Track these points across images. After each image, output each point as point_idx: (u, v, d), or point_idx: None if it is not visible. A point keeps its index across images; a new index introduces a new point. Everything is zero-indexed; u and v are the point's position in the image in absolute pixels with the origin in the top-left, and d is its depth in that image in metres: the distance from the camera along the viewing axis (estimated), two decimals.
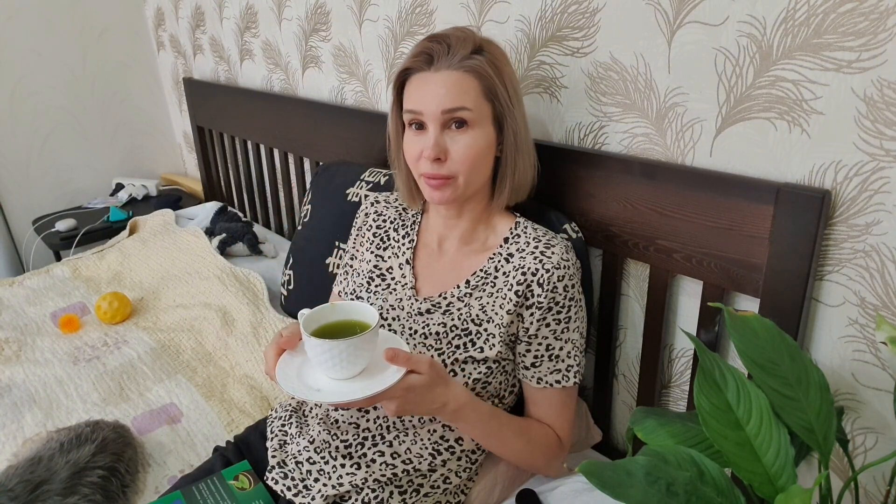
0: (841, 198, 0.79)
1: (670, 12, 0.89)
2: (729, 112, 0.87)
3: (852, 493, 0.66)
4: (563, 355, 0.90)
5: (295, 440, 0.95)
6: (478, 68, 0.84)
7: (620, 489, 0.56)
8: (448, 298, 0.93)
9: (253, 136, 2.02)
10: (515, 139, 0.89)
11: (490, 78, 0.85)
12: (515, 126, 0.88)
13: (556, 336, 0.90)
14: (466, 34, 0.86)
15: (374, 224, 1.06)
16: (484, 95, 0.85)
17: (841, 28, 0.74)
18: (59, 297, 1.68)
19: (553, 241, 0.91)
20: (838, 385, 0.86)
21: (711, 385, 0.63)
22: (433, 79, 0.85)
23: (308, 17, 1.66)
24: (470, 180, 0.88)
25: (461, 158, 0.86)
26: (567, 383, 0.91)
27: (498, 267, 0.92)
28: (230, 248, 1.80)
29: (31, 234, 2.45)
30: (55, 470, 0.95)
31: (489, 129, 0.87)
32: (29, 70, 2.40)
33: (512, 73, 0.89)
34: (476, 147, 0.86)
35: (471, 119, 0.85)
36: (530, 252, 0.90)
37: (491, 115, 0.87)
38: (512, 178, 0.91)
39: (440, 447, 0.91)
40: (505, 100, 0.86)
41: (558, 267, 0.88)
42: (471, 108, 0.84)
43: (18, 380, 1.30)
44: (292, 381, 0.74)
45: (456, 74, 0.84)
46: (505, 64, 0.88)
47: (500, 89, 0.86)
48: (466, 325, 0.91)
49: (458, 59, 0.84)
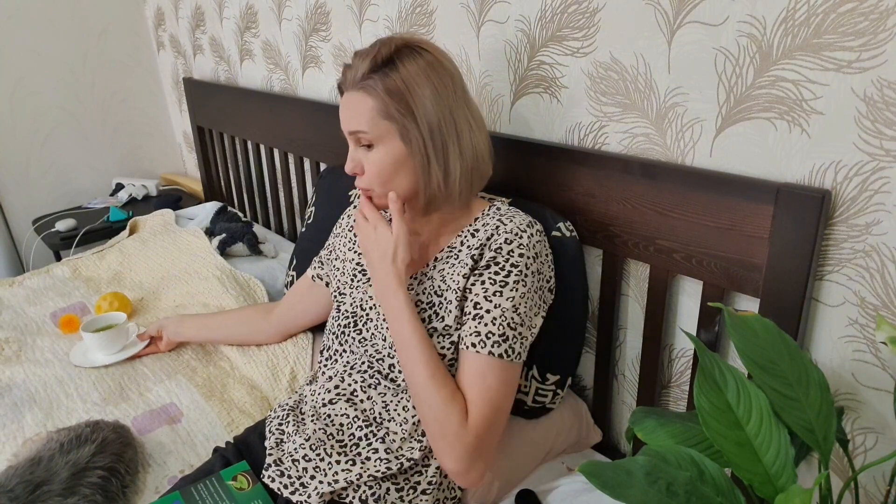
0: (841, 198, 0.79)
1: (670, 12, 0.89)
2: (729, 112, 0.87)
3: (852, 493, 0.66)
4: (487, 320, 0.86)
5: (291, 438, 0.96)
6: (369, 90, 0.85)
7: (620, 489, 0.56)
8: (418, 277, 0.97)
9: (253, 136, 2.02)
10: (421, 152, 0.87)
11: (381, 98, 0.84)
12: (418, 140, 0.86)
13: (486, 296, 0.88)
14: (373, 48, 0.86)
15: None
16: (380, 114, 0.85)
17: (841, 28, 0.74)
18: (59, 297, 1.68)
19: (517, 216, 0.93)
20: (838, 385, 0.86)
21: (711, 385, 0.63)
22: (344, 99, 0.89)
23: (308, 17, 1.66)
24: (386, 192, 0.90)
25: (370, 174, 0.90)
26: (482, 350, 0.85)
27: (464, 241, 0.95)
28: (230, 248, 1.80)
29: (31, 234, 2.45)
30: (55, 470, 0.95)
31: (394, 145, 0.87)
32: (29, 70, 2.40)
33: (423, 83, 0.85)
34: (381, 164, 0.88)
35: (370, 139, 0.87)
36: (493, 224, 0.93)
37: (396, 131, 0.87)
38: (427, 190, 0.90)
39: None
40: (401, 117, 0.85)
41: (510, 232, 0.90)
42: (366, 130, 0.86)
43: (18, 380, 1.30)
44: (79, 357, 1.36)
45: (355, 96, 0.87)
46: (415, 76, 0.85)
47: (392, 108, 0.84)
48: (430, 298, 0.93)
49: (357, 80, 0.86)
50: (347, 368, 0.99)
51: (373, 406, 0.94)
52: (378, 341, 0.98)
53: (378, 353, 0.97)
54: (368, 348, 0.99)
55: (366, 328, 1.00)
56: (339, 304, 1.06)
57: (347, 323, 1.02)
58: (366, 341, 1.00)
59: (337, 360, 1.02)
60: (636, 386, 1.13)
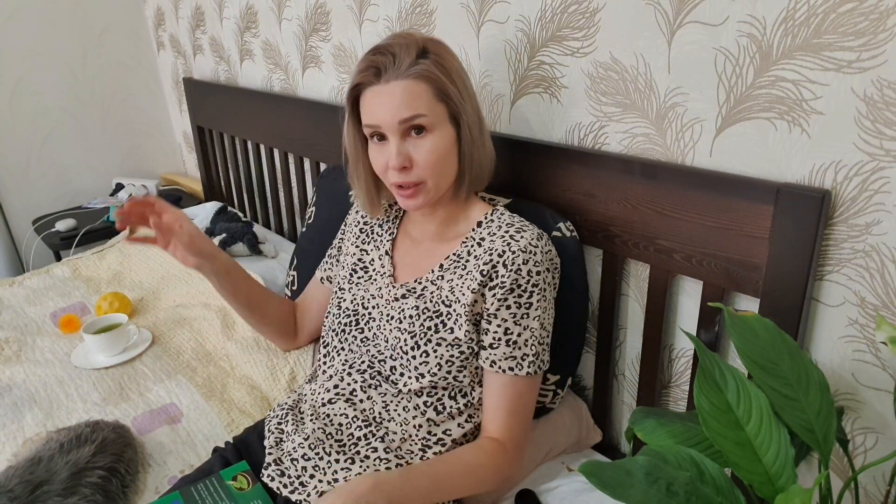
0: (841, 198, 0.79)
1: (670, 12, 0.89)
2: (729, 112, 0.87)
3: (852, 493, 0.66)
4: (520, 342, 0.90)
5: (290, 437, 0.96)
6: (425, 73, 0.85)
7: (620, 489, 0.56)
8: (423, 283, 0.96)
9: (253, 136, 2.02)
10: (471, 133, 0.91)
11: (439, 79, 0.86)
12: (470, 120, 0.90)
13: (516, 320, 0.90)
14: (408, 40, 0.87)
15: (361, 220, 1.11)
16: (436, 97, 0.87)
17: (841, 28, 0.74)
18: (59, 297, 1.68)
19: (526, 228, 0.93)
20: (838, 385, 0.86)
21: (711, 385, 0.63)
22: (385, 91, 0.86)
23: (308, 17, 1.66)
24: (439, 182, 0.90)
25: (426, 163, 0.88)
26: (520, 372, 0.90)
27: (470, 251, 0.94)
28: (230, 248, 1.80)
29: (31, 234, 2.45)
30: (55, 470, 0.95)
31: (447, 129, 0.89)
32: (29, 70, 2.40)
33: (459, 68, 0.90)
34: (438, 150, 0.88)
35: (428, 124, 0.87)
36: (500, 236, 0.92)
37: (447, 115, 0.89)
38: (471, 170, 0.93)
39: (430, 441, 0.93)
40: (457, 97, 0.88)
41: (524, 251, 0.89)
42: (426, 114, 0.86)
43: (18, 380, 1.30)
44: (81, 358, 1.37)
45: (405, 83, 0.85)
46: (451, 60, 0.89)
47: (450, 88, 0.87)
48: (437, 307, 0.93)
49: (405, 67, 0.85)
50: (346, 367, 0.99)
51: (373, 406, 0.94)
52: (380, 342, 0.97)
53: (380, 354, 0.97)
54: (370, 348, 0.98)
55: (367, 327, 1.00)
56: (339, 301, 1.05)
57: (348, 321, 1.02)
58: (367, 341, 0.99)
59: (335, 358, 1.02)
60: (636, 386, 1.13)
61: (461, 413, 0.94)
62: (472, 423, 0.95)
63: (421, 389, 0.92)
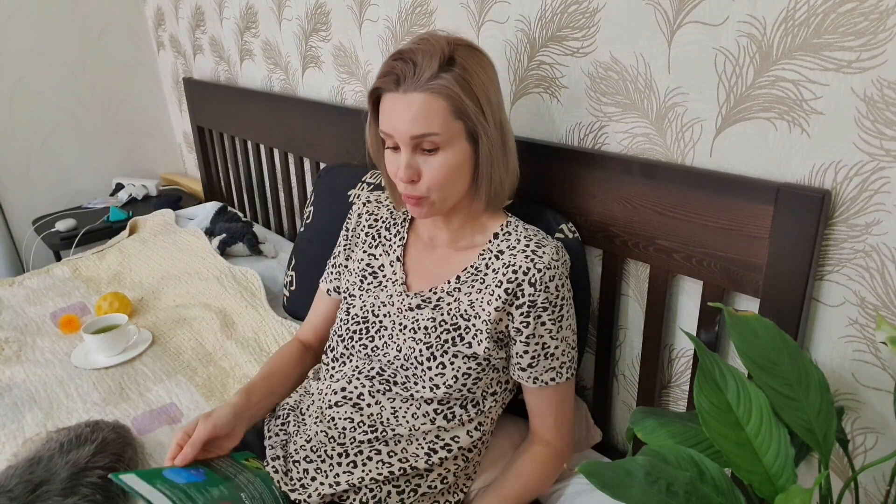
0: (841, 198, 0.79)
1: (670, 12, 0.89)
2: (729, 112, 0.87)
3: (852, 493, 0.66)
4: (557, 353, 0.92)
5: (293, 439, 0.95)
6: (444, 89, 0.81)
7: (620, 489, 0.56)
8: (438, 294, 0.94)
9: (253, 136, 2.02)
10: (491, 151, 0.86)
11: (457, 97, 0.81)
12: (491, 137, 0.85)
13: (552, 335, 0.91)
14: (433, 47, 0.82)
15: (366, 224, 1.08)
16: (453, 115, 0.82)
17: (841, 28, 0.74)
18: (59, 297, 1.68)
19: (544, 241, 0.91)
20: (838, 385, 0.86)
21: (711, 385, 0.63)
22: (401, 102, 0.82)
23: (308, 17, 1.66)
24: (445, 197, 0.88)
25: (432, 180, 0.85)
26: (561, 379, 0.93)
27: (488, 264, 0.93)
28: (230, 248, 1.80)
29: (31, 234, 2.45)
30: (55, 470, 0.95)
31: (462, 146, 0.85)
32: (29, 70, 2.40)
33: (486, 81, 0.85)
34: (447, 168, 0.85)
35: (441, 142, 0.83)
36: (521, 250, 0.91)
37: (464, 132, 0.85)
38: (488, 188, 0.89)
39: (436, 446, 0.92)
40: (476, 115, 0.83)
41: (549, 267, 0.89)
42: (439, 132, 0.82)
43: (18, 380, 1.30)
44: (81, 359, 1.37)
45: (422, 97, 0.81)
46: (478, 73, 0.84)
47: (469, 106, 0.82)
48: (455, 321, 0.92)
49: (424, 80, 0.81)
50: (355, 373, 0.96)
51: (381, 411, 0.93)
52: (391, 351, 0.95)
53: (391, 364, 0.95)
54: (381, 357, 0.96)
55: (378, 335, 0.98)
56: (348, 307, 1.03)
57: (357, 328, 0.99)
58: (378, 350, 0.97)
59: (346, 364, 0.99)
60: (636, 386, 1.13)
61: (471, 421, 0.93)
62: (481, 430, 0.95)
63: (433, 398, 0.91)
